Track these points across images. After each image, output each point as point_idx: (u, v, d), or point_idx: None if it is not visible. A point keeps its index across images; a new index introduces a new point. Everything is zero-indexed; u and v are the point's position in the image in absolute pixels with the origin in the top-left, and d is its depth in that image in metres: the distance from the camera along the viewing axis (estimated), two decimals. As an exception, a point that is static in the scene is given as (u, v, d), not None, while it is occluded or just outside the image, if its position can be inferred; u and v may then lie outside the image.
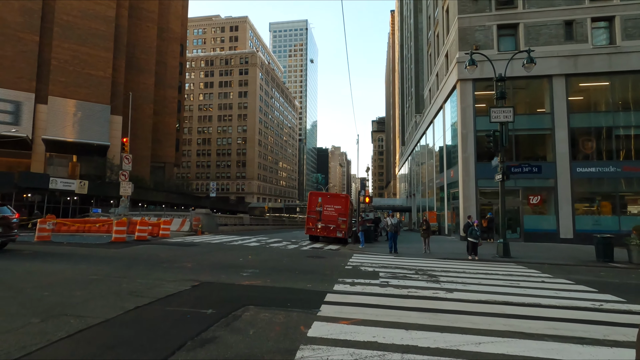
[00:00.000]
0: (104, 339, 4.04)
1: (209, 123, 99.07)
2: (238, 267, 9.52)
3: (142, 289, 6.50)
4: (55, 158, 41.06)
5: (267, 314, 5.19)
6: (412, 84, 52.70)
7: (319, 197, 19.60)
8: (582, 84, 22.04)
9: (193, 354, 3.68)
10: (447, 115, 27.13)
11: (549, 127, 21.73)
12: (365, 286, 7.41)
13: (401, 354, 3.78)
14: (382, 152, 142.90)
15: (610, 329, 4.92)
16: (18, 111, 37.05)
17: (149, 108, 51.02)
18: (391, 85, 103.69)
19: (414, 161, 47.37)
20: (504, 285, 8.03)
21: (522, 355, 3.85)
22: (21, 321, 4.55)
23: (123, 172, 19.08)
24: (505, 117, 13.94)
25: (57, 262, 9.58)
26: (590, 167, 21.10)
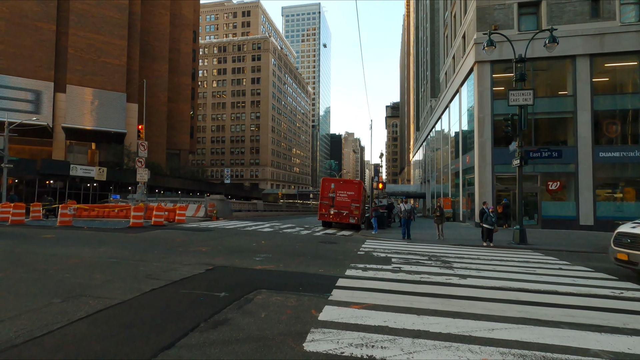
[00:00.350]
0: (121, 319, 4.17)
1: (222, 110, 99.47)
2: (251, 252, 9.64)
3: (158, 272, 6.66)
4: (75, 146, 42.15)
5: (279, 297, 5.25)
6: (428, 67, 51.37)
7: (331, 183, 19.55)
8: (607, 64, 21.00)
9: (206, 335, 3.75)
10: (463, 99, 26.41)
11: (571, 110, 20.90)
12: (377, 271, 7.40)
13: (412, 339, 3.77)
14: (396, 138, 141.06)
15: (630, 317, 4.78)
16: (38, 100, 37.99)
17: (164, 95, 51.53)
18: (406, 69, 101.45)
19: (428, 147, 46.60)
20: (519, 272, 7.89)
21: (536, 342, 3.78)
22: (43, 301, 4.73)
23: (139, 159, 19.42)
24: (525, 100, 13.45)
25: (78, 245, 9.90)
26: (614, 151, 20.29)
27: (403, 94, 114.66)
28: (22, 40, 37.73)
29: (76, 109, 39.72)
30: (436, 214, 14.86)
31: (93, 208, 20.92)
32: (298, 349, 3.44)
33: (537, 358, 3.37)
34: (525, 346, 3.66)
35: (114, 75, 42.58)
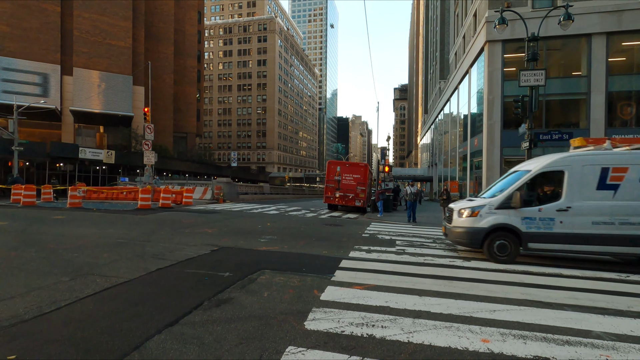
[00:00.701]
0: (127, 297, 4.26)
1: (228, 93, 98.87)
2: (257, 234, 9.73)
3: (164, 252, 6.77)
4: (83, 129, 42.45)
5: (282, 277, 5.30)
6: (437, 47, 50.10)
7: (337, 166, 19.49)
8: (625, 42, 20.21)
9: (209, 313, 3.82)
10: (473, 81, 25.80)
11: (584, 92, 20.30)
12: (381, 253, 7.42)
13: (412, 319, 3.79)
14: (404, 121, 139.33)
15: (635, 300, 4.74)
16: (46, 83, 38.10)
17: (170, 78, 51.25)
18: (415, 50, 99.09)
19: (436, 130, 45.97)
20: (522, 254, 7.85)
21: (537, 323, 3.77)
22: (52, 279, 4.85)
23: (146, 142, 19.51)
24: (536, 81, 13.06)
25: (87, 226, 10.09)
26: (627, 134, 19.76)
27: (411, 76, 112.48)
28: (28, 23, 37.54)
29: (83, 92, 39.81)
30: (442, 197, 14.79)
31: (102, 190, 21.22)
32: (299, 328, 3.49)
33: (538, 339, 3.37)
34: (526, 327, 3.66)
35: (119, 57, 42.36)
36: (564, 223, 6.76)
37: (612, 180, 6.71)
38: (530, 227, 6.91)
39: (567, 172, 6.92)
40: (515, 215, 6.98)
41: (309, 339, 3.23)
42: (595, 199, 6.75)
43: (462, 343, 3.23)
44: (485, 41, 21.21)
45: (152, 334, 3.24)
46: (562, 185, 6.92)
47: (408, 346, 3.15)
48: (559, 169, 7.04)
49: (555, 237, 6.81)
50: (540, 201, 7.11)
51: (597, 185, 6.76)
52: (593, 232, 6.65)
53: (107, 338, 3.14)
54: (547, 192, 7.38)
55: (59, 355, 2.82)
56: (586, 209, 6.71)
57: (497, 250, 6.99)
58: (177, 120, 54.34)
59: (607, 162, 6.80)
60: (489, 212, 7.17)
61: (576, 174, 6.85)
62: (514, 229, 6.95)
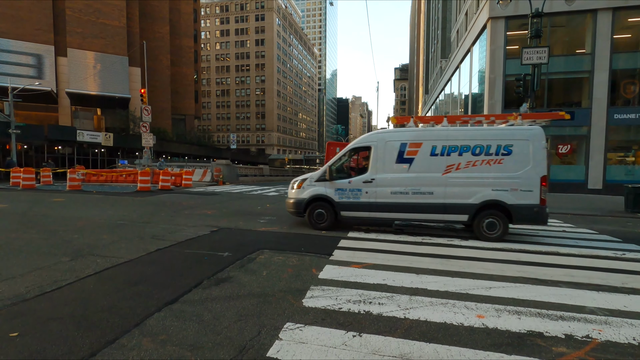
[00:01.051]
0: (127, 276, 4.31)
1: (226, 74, 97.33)
2: (256, 215, 9.78)
3: (164, 234, 6.82)
4: (80, 111, 42.00)
5: (281, 257, 5.35)
6: (439, 25, 48.95)
7: (337, 147, 19.37)
8: (631, 18, 19.72)
9: (208, 291, 3.87)
10: (474, 59, 25.33)
11: (587, 70, 19.97)
12: (379, 233, 7.48)
13: (409, 296, 3.84)
14: (405, 102, 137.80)
15: (630, 277, 4.79)
16: (40, 64, 37.42)
17: (166, 59, 50.32)
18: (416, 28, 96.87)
19: (437, 110, 45.51)
20: (521, 234, 7.91)
21: (532, 299, 3.83)
22: (53, 260, 4.89)
23: (143, 124, 19.35)
24: (539, 59, 12.83)
25: (87, 208, 10.12)
26: (630, 113, 19.58)
27: (412, 55, 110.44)
28: (19, 1, 36.52)
29: (79, 74, 39.15)
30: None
31: (101, 173, 21.21)
32: (297, 305, 3.54)
33: (532, 314, 3.43)
34: (521, 303, 3.71)
35: (114, 37, 41.43)
36: (369, 193, 7.51)
37: (409, 155, 7.39)
38: (342, 197, 7.68)
39: (373, 148, 7.61)
40: (330, 187, 7.76)
41: (307, 316, 3.28)
42: (394, 172, 7.43)
43: (457, 319, 3.28)
44: (488, 18, 20.70)
45: (152, 312, 3.29)
46: (369, 159, 7.65)
47: (404, 322, 3.20)
48: (367, 144, 7.75)
49: (362, 205, 7.57)
50: (352, 174, 7.88)
51: (396, 159, 7.42)
52: (392, 201, 7.39)
53: (108, 315, 3.19)
54: (357, 166, 8.16)
55: (60, 332, 2.87)
56: (386, 181, 7.43)
57: (316, 218, 7.82)
58: (175, 102, 53.70)
59: (406, 138, 7.46)
60: (310, 185, 7.98)
61: (380, 149, 7.54)
62: (329, 199, 7.73)
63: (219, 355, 2.58)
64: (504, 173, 7.01)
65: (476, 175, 7.11)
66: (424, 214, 7.31)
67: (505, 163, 7.02)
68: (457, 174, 7.16)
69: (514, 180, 6.97)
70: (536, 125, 7.43)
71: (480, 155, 7.11)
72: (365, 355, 2.61)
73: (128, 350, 2.61)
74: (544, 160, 6.98)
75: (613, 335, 3.03)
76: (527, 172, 6.94)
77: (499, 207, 7.00)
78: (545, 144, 7.07)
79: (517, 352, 2.71)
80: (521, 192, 6.94)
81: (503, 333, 3.02)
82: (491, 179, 7.05)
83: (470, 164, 7.13)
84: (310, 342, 2.79)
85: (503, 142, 7.07)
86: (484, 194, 7.04)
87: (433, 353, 2.67)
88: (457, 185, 7.14)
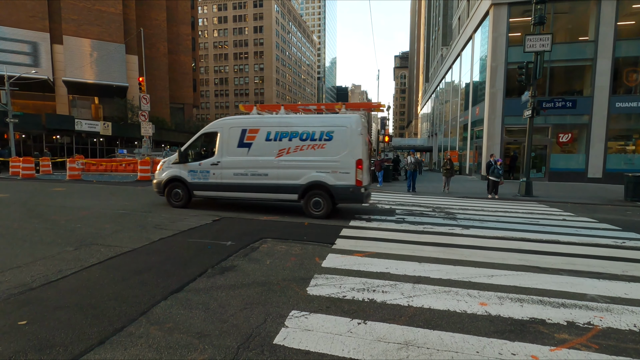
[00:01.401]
0: (131, 265, 4.33)
1: (225, 62, 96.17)
2: (257, 204, 9.78)
3: (166, 223, 6.83)
4: (78, 100, 41.60)
5: (284, 246, 5.38)
6: (440, 12, 48.23)
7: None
8: (636, 5, 19.44)
9: (213, 280, 3.90)
10: (476, 47, 25.04)
11: (590, 58, 19.77)
12: (381, 222, 7.50)
13: (412, 284, 3.87)
14: (404, 90, 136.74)
15: (630, 265, 4.84)
16: (36, 52, 36.89)
17: (163, 46, 49.63)
18: (417, 15, 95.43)
19: (437, 99, 45.21)
20: (522, 222, 7.95)
21: (534, 287, 3.86)
22: (57, 249, 4.91)
23: (142, 112, 19.20)
24: (542, 46, 12.68)
25: (88, 198, 10.12)
26: (631, 101, 19.47)
27: (413, 43, 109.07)
28: (12, -13, 35.79)
29: (75, 62, 38.65)
30: (446, 167, 14.68)
31: (101, 162, 21.15)
32: (302, 293, 3.57)
33: (534, 302, 3.46)
34: (523, 291, 3.75)
35: (110, 24, 40.77)
36: (215, 175, 8.30)
37: (248, 140, 8.13)
38: (194, 178, 8.48)
39: (219, 133, 8.37)
40: (184, 169, 8.56)
41: (312, 304, 3.31)
42: (236, 155, 8.17)
43: (460, 306, 3.32)
44: (490, 4, 20.38)
45: (158, 300, 3.32)
46: (216, 144, 8.38)
47: (408, 309, 3.24)
48: (215, 130, 8.50)
49: (210, 186, 8.38)
50: (203, 157, 8.56)
51: (237, 144, 8.17)
52: (234, 182, 8.19)
53: (115, 304, 3.21)
54: (208, 149, 8.76)
55: (68, 320, 2.89)
56: (230, 163, 8.19)
57: (173, 197, 8.73)
58: (173, 90, 53.19)
59: (246, 124, 8.24)
60: (168, 167, 8.80)
61: (225, 134, 8.29)
62: (183, 180, 8.56)
63: (226, 342, 2.61)
64: (326, 157, 7.78)
65: (303, 158, 7.87)
66: (261, 193, 8.13)
67: (327, 148, 7.77)
68: (288, 157, 7.93)
69: (334, 163, 7.74)
70: (356, 114, 8.16)
71: (306, 141, 7.86)
72: (371, 343, 2.65)
73: (136, 338, 2.64)
74: (359, 145, 7.68)
75: (614, 322, 3.06)
76: (344, 156, 7.68)
77: (322, 187, 7.80)
78: (360, 130, 7.75)
79: (520, 338, 2.75)
80: (340, 173, 7.71)
81: (506, 320, 3.06)
82: (315, 162, 7.82)
83: (298, 149, 7.89)
84: (316, 330, 2.82)
85: (325, 129, 7.81)
86: (309, 175, 7.83)
87: (437, 340, 2.70)
88: (287, 168, 7.92)
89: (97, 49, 39.73)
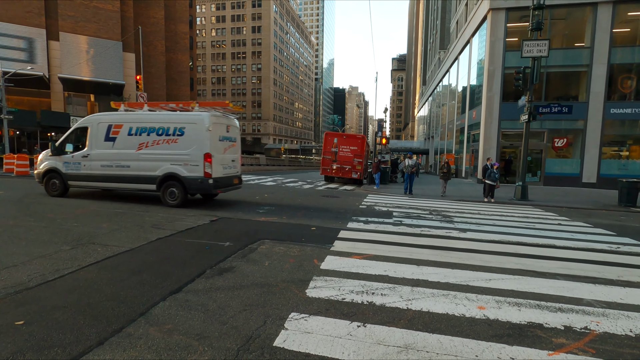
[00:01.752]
0: (129, 265, 4.31)
1: (222, 61, 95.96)
2: (254, 204, 9.77)
3: (163, 222, 6.80)
4: (73, 97, 41.28)
5: (282, 247, 5.38)
6: (438, 15, 48.51)
7: (334, 137, 19.34)
8: (631, 12, 19.68)
9: (212, 281, 3.89)
10: (474, 51, 25.21)
11: (586, 64, 19.98)
12: (378, 224, 7.52)
13: (411, 287, 3.89)
14: (402, 93, 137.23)
15: (625, 270, 4.89)
16: (31, 48, 36.59)
17: (161, 45, 49.41)
18: (415, 18, 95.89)
19: (434, 102, 45.42)
20: (518, 226, 8.01)
21: (531, 291, 3.90)
22: (53, 248, 4.87)
23: (139, 111, 19.05)
24: (539, 52, 12.79)
25: (84, 196, 10.04)
26: (626, 107, 19.70)
27: (410, 46, 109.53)
28: (8, -17, 35.48)
29: (72, 59, 38.38)
30: (443, 170, 14.74)
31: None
32: (301, 295, 3.57)
33: (532, 306, 3.49)
34: (521, 295, 3.78)
35: (107, 22, 40.55)
36: (86, 166, 9.13)
37: (113, 134, 8.92)
38: (68, 170, 9.30)
39: (90, 128, 9.15)
40: (59, 160, 9.37)
41: (311, 306, 3.31)
42: (103, 148, 8.97)
43: (459, 310, 3.34)
44: (488, 9, 20.55)
45: (157, 301, 3.30)
46: (87, 137, 9.16)
47: (407, 312, 3.25)
48: (86, 125, 9.26)
49: (81, 176, 9.23)
50: (75, 150, 9.32)
51: (104, 138, 8.96)
52: (102, 173, 9.03)
53: (113, 304, 3.19)
54: (80, 143, 9.40)
55: (66, 320, 2.87)
56: (97, 156, 9.02)
57: (51, 187, 9.55)
58: (170, 89, 52.94)
59: (113, 120, 9.00)
60: (46, 158, 9.61)
61: (94, 129, 9.08)
62: (58, 171, 9.37)
63: (226, 344, 2.60)
64: (179, 150, 8.60)
65: (160, 152, 8.68)
66: (125, 183, 8.94)
67: (179, 142, 8.59)
68: (147, 150, 8.73)
69: (185, 157, 8.56)
70: (206, 112, 8.90)
71: (162, 136, 8.67)
72: (370, 346, 2.66)
73: (135, 339, 2.62)
74: (207, 140, 8.43)
75: (611, 327, 3.10)
76: (194, 150, 8.50)
77: (176, 178, 8.60)
78: (207, 127, 8.47)
79: (519, 342, 2.77)
80: (191, 166, 8.52)
81: (504, 324, 3.08)
82: (170, 155, 8.63)
83: (155, 143, 8.70)
84: (316, 332, 2.82)
85: (178, 125, 8.62)
86: (165, 167, 8.66)
87: (437, 343, 2.72)
88: (146, 160, 8.72)
89: (93, 46, 39.49)
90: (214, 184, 8.62)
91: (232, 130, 9.66)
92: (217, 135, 8.84)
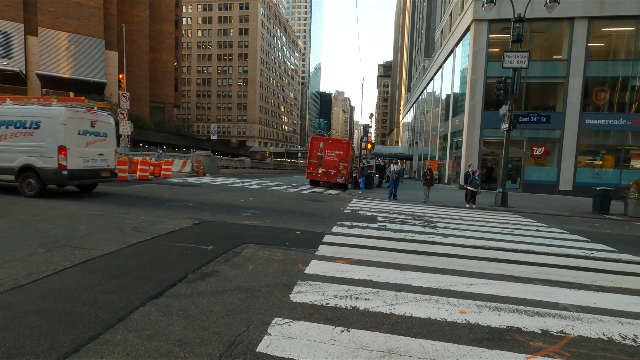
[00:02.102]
0: (107, 269, 4.18)
1: (208, 62, 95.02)
2: (239, 208, 9.67)
3: (144, 225, 6.64)
4: (51, 95, 40.06)
5: (266, 251, 5.34)
6: (423, 24, 49.51)
7: (320, 141, 19.38)
8: (605, 28, 20.61)
9: (194, 285, 3.82)
10: (457, 60, 25.83)
11: (563, 76, 20.78)
12: (363, 229, 7.57)
13: (394, 292, 3.92)
14: (387, 99, 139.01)
15: (598, 275, 5.07)
16: (8, 43, 35.35)
17: (145, 44, 48.60)
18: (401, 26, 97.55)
19: (419, 109, 46.20)
20: (498, 232, 8.20)
21: (510, 296, 3.99)
22: (27, 251, 4.69)
23: (121, 111, 18.67)
24: (519, 63, 13.22)
25: (61, 197, 9.72)
26: (599, 119, 20.55)
27: (396, 53, 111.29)
28: (-15, -25, 34.26)
29: (51, 55, 37.25)
30: (426, 177, 14.94)
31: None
32: (285, 300, 3.55)
33: (511, 310, 3.58)
34: (500, 300, 3.86)
35: (90, 18, 39.60)
36: None
37: None
38: None
39: None
40: None
41: (295, 311, 3.30)
42: None
43: (441, 314, 3.39)
44: (472, 20, 21.11)
45: (137, 306, 3.22)
46: None
47: (390, 317, 3.27)
48: None
49: None
50: None
51: None
52: None
53: (90, 310, 3.09)
54: None
55: (40, 327, 2.76)
56: None
57: None
58: (154, 89, 52.06)
59: None
60: None
61: None
62: None
63: (208, 350, 2.56)
64: (35, 143, 9.01)
65: (18, 144, 9.08)
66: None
67: (35, 135, 9.00)
68: (5, 142, 9.12)
69: (41, 149, 8.97)
70: (63, 107, 9.20)
71: (19, 129, 9.06)
72: (354, 351, 2.66)
73: (113, 346, 2.55)
74: (61, 133, 8.89)
75: (585, 331, 3.20)
76: (49, 142, 8.93)
77: (32, 170, 9.04)
78: (62, 121, 8.89)
79: (498, 346, 2.83)
80: (46, 158, 8.94)
81: (484, 328, 3.14)
82: (27, 147, 9.05)
83: (14, 135, 9.10)
84: (300, 338, 2.81)
85: (35, 119, 9.01)
86: (22, 159, 9.08)
87: (419, 348, 2.75)
88: (5, 152, 9.11)
89: (74, 43, 38.47)
90: (69, 175, 9.05)
91: (100, 125, 10.00)
92: (76, 129, 9.29)
